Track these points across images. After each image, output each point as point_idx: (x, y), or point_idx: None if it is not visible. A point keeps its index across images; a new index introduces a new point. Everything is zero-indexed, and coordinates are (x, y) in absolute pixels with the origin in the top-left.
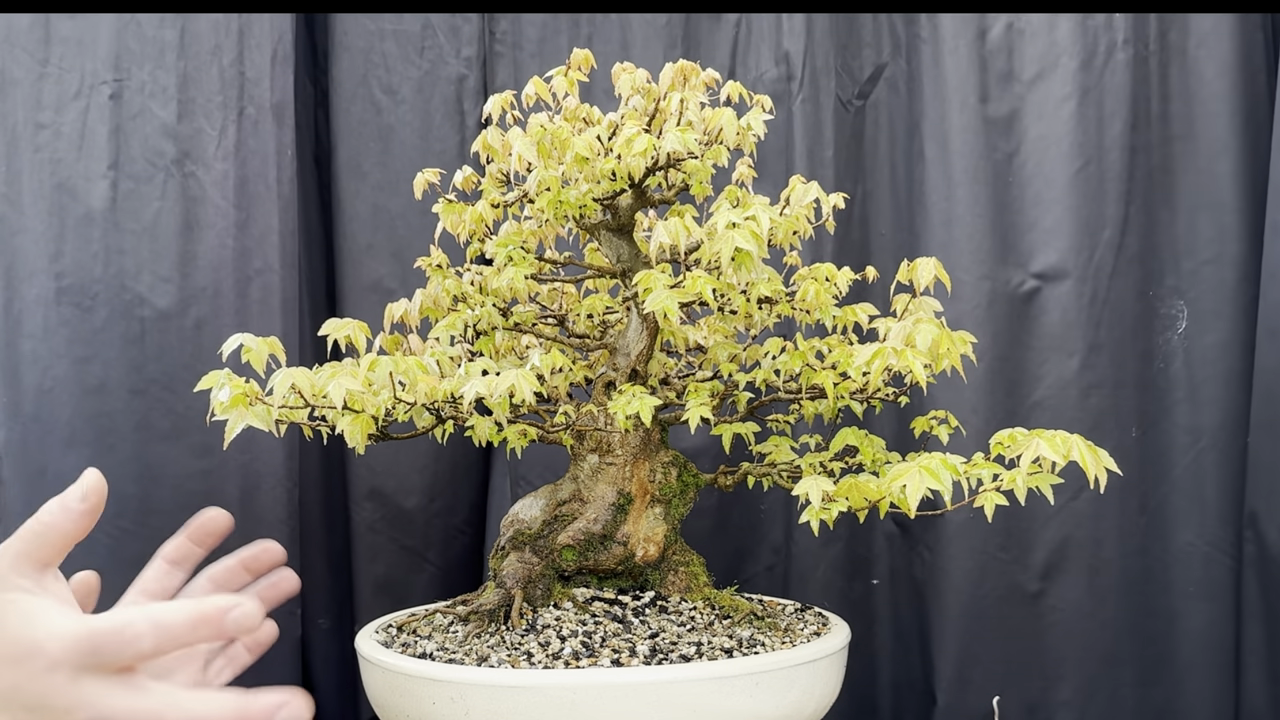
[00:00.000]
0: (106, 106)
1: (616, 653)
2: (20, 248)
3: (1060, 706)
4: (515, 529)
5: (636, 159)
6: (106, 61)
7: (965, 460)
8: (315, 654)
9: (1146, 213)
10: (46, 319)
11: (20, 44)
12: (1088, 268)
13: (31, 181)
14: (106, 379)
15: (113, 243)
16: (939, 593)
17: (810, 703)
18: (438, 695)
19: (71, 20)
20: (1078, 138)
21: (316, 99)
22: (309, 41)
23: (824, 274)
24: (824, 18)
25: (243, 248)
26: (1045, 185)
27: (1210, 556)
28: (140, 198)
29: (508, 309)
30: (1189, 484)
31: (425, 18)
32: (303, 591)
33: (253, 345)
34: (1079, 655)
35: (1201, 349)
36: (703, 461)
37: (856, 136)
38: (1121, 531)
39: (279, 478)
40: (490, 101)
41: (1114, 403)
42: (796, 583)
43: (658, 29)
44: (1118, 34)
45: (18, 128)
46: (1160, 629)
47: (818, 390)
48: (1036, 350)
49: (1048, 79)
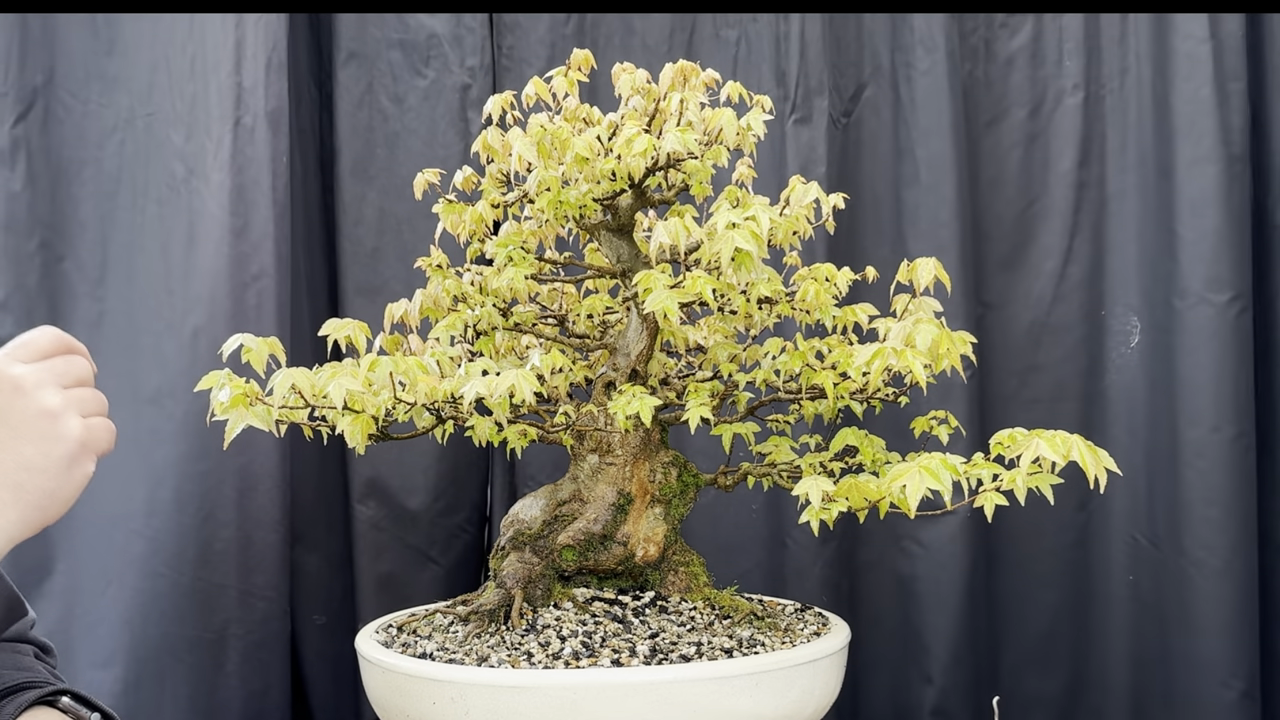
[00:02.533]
0: (141, 138)
1: (616, 653)
2: (65, 273)
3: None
4: (515, 529)
5: (636, 159)
6: (141, 96)
7: (965, 460)
8: (316, 652)
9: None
10: (91, 340)
11: (63, 85)
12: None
13: (75, 214)
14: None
15: (139, 264)
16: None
17: (810, 703)
18: (438, 695)
19: (110, 59)
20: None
21: (321, 102)
22: (314, 45)
23: (824, 274)
24: (817, 39)
25: (239, 254)
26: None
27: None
28: (162, 219)
29: (508, 309)
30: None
31: (431, 30)
32: (305, 590)
33: (253, 345)
34: (1017, 631)
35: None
36: (702, 461)
37: (844, 153)
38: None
39: (275, 480)
40: (490, 101)
41: (1050, 416)
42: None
43: (659, 49)
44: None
45: (63, 162)
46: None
47: (818, 390)
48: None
49: (1000, 123)
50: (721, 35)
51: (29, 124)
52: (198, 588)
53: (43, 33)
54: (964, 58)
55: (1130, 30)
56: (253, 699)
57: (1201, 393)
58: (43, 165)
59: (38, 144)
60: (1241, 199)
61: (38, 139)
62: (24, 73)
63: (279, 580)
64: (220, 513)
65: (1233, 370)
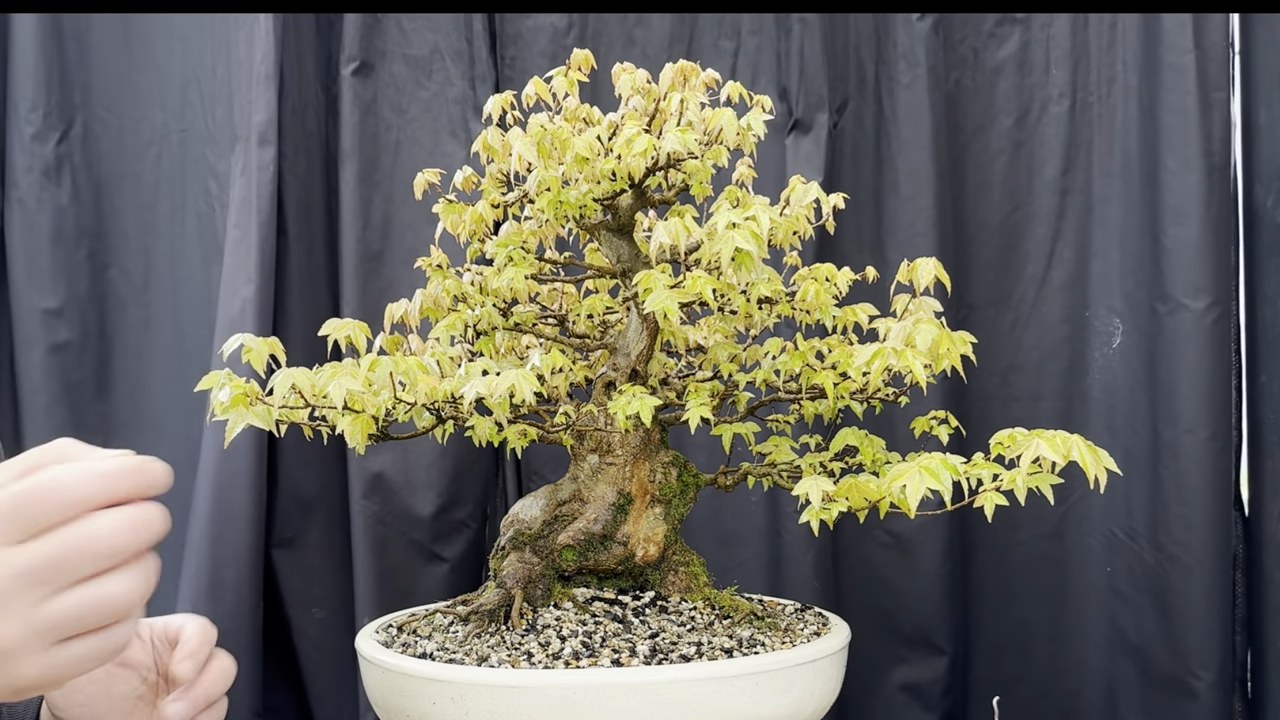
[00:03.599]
0: (177, 153)
1: (616, 653)
2: (111, 281)
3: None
4: (515, 529)
5: (636, 159)
6: (175, 113)
7: (965, 460)
8: (318, 647)
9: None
10: (140, 344)
11: (99, 102)
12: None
13: (117, 225)
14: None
15: (182, 274)
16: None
17: (810, 703)
18: (438, 695)
19: (142, 75)
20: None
21: (327, 105)
22: (320, 50)
23: (824, 274)
24: (817, 53)
25: (235, 263)
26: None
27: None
28: (200, 233)
29: (508, 309)
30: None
31: (434, 43)
32: (307, 586)
33: (253, 345)
34: (994, 616)
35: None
36: (702, 460)
37: (829, 162)
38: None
39: (252, 477)
40: (491, 101)
41: (1031, 414)
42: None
43: (658, 59)
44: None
45: (103, 176)
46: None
47: (818, 390)
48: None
49: (988, 130)
50: (720, 45)
51: (70, 141)
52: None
53: (78, 53)
54: (952, 66)
55: (1118, 39)
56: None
57: (1178, 395)
58: (85, 179)
59: (80, 160)
60: (1222, 207)
61: (79, 155)
62: (64, 91)
63: (250, 575)
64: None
65: (1208, 374)
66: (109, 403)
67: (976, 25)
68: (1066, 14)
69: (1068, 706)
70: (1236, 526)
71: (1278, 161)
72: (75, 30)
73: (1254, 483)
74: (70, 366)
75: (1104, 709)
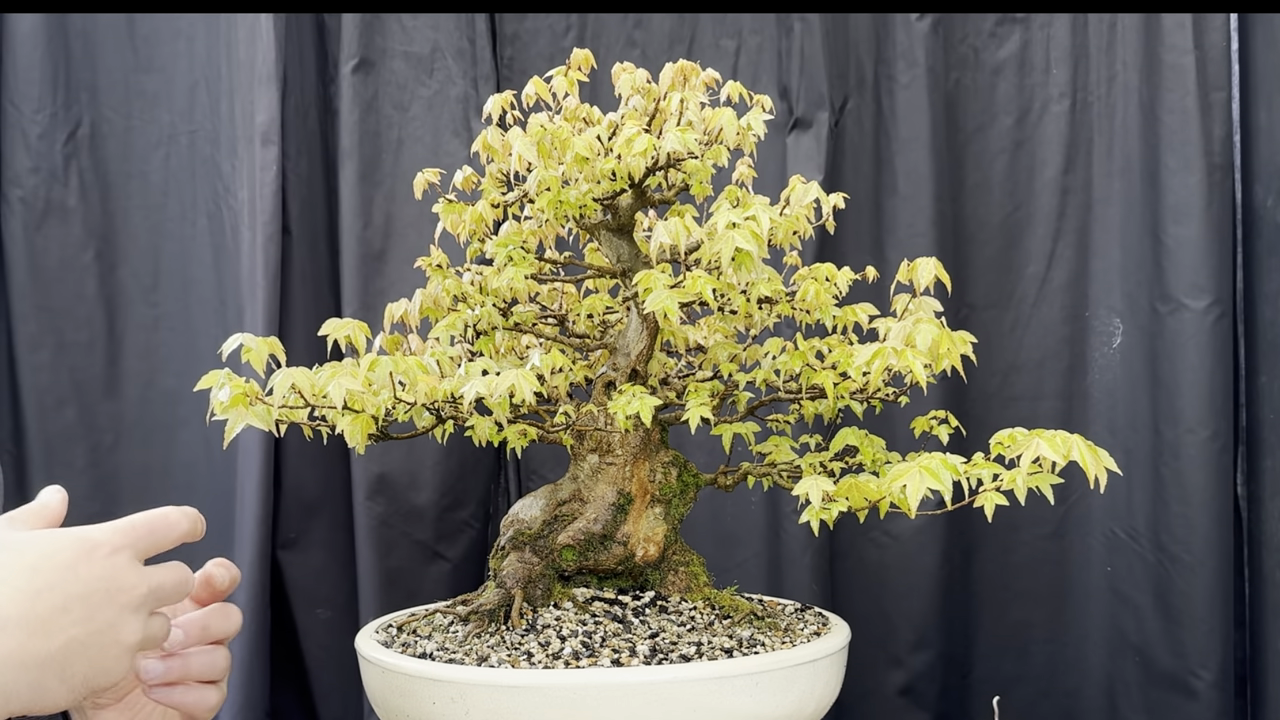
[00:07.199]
0: (185, 154)
1: (616, 653)
2: (120, 280)
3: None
4: (515, 529)
5: (636, 159)
6: (183, 114)
7: (965, 460)
8: (322, 646)
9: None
10: (149, 342)
11: (106, 103)
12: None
13: (126, 225)
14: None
15: (193, 274)
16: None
17: (810, 703)
18: (438, 695)
19: (148, 76)
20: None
21: (327, 104)
22: (321, 49)
23: (824, 274)
24: (818, 51)
25: (239, 266)
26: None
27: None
28: (211, 233)
29: (508, 309)
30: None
31: (435, 41)
32: (311, 585)
33: (252, 345)
34: (993, 618)
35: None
36: (702, 460)
37: (829, 162)
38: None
39: (258, 478)
40: (490, 101)
41: (1031, 414)
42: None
43: (658, 60)
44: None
45: (110, 176)
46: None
47: (818, 390)
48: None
49: (988, 130)
50: (721, 45)
51: (77, 141)
52: None
53: (84, 53)
54: (952, 66)
55: (1118, 39)
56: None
57: (1179, 394)
58: (93, 179)
59: (87, 160)
60: (1222, 207)
61: (86, 155)
62: (69, 91)
63: (256, 576)
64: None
65: (1209, 374)
66: (118, 402)
67: (976, 25)
68: (1066, 14)
69: (1068, 706)
70: (1237, 526)
71: (1278, 161)
72: (80, 31)
73: (1254, 483)
74: (79, 366)
75: (1104, 709)
